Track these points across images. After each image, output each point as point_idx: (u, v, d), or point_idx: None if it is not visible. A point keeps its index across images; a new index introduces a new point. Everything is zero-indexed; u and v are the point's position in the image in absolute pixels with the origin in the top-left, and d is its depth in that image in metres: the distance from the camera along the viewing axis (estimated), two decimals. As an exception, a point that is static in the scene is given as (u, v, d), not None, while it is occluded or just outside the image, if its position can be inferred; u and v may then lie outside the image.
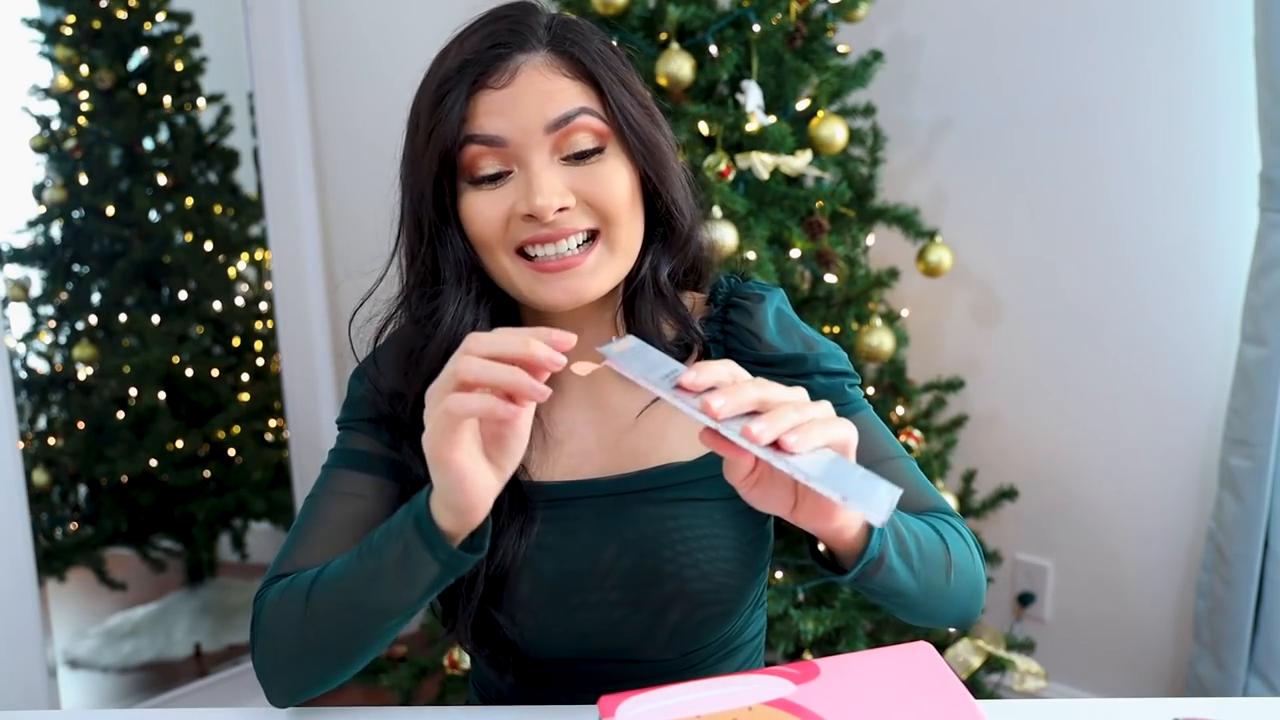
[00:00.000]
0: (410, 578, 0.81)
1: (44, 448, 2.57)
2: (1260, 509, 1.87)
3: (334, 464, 0.98)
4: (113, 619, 2.68)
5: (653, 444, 0.95)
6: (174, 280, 2.68)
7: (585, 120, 0.87)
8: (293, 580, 0.89)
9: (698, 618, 0.94)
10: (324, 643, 0.86)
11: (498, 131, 0.86)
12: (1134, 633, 2.19)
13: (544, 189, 0.85)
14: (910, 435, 1.95)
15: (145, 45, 2.62)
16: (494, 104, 0.87)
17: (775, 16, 1.82)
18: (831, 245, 1.84)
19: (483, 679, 1.05)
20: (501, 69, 0.87)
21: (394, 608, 0.83)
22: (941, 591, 0.88)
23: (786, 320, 0.98)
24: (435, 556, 0.79)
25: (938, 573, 0.87)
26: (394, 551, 0.81)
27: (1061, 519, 2.25)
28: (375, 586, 0.82)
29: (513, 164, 0.87)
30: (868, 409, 0.97)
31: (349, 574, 0.84)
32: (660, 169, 0.91)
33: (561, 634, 0.95)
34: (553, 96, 0.87)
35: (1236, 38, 1.88)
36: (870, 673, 0.70)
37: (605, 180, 0.88)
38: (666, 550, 0.92)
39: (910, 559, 0.84)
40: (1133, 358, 2.11)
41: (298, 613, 0.87)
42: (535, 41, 0.89)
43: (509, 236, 0.88)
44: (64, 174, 2.58)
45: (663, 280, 0.94)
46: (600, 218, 0.88)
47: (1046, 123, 2.15)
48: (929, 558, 0.86)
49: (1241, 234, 1.92)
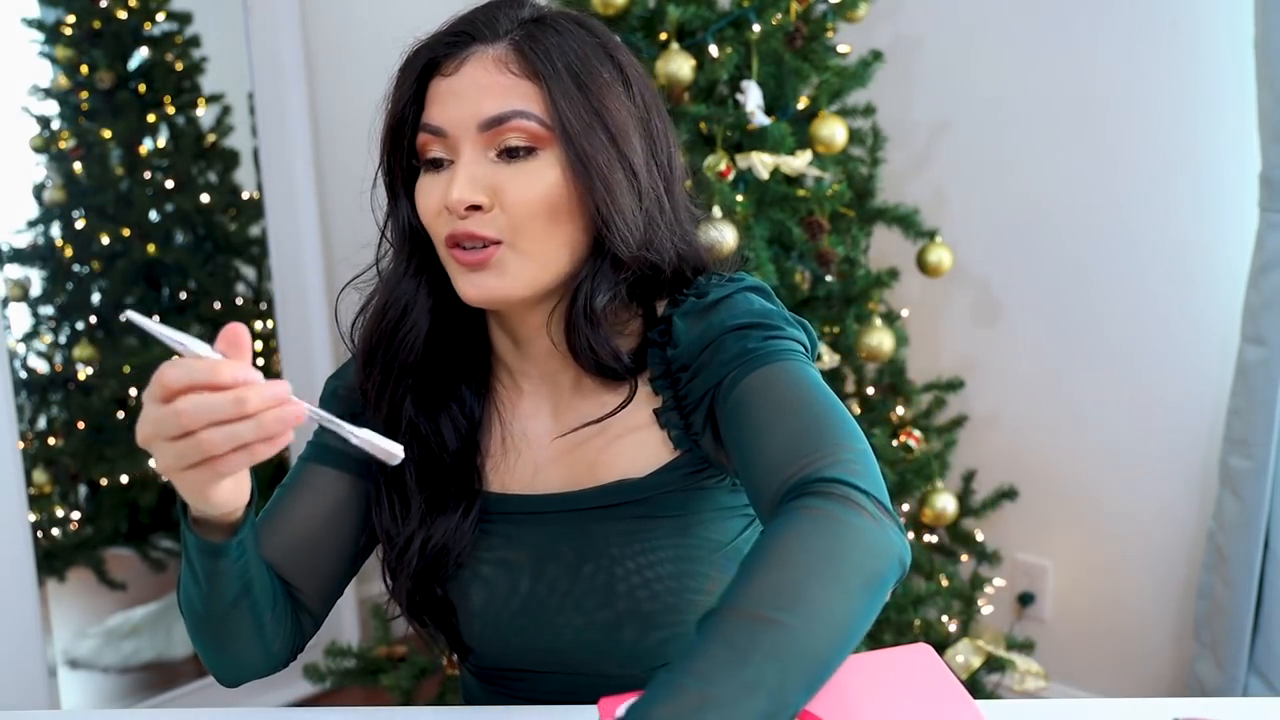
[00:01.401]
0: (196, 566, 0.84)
1: (44, 448, 2.57)
2: (1260, 509, 1.87)
3: (307, 456, 0.99)
4: (113, 619, 2.68)
5: (608, 459, 0.93)
6: (174, 280, 2.67)
7: (519, 123, 0.85)
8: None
9: (653, 638, 0.91)
10: (198, 634, 0.90)
11: (439, 121, 0.87)
12: (1134, 633, 2.19)
13: (459, 184, 0.85)
14: (910, 435, 1.95)
15: (145, 45, 2.61)
16: (440, 92, 0.88)
17: (775, 16, 1.82)
18: (831, 245, 1.83)
19: (464, 680, 1.06)
20: (453, 57, 0.88)
21: (207, 597, 0.86)
22: (854, 631, 0.67)
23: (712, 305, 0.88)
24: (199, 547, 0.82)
25: (837, 641, 0.66)
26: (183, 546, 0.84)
27: (1061, 519, 2.24)
28: (187, 580, 0.86)
29: (451, 154, 0.87)
30: (783, 359, 0.83)
31: (182, 573, 0.88)
32: (598, 180, 0.85)
33: (518, 646, 0.95)
34: (492, 93, 0.85)
35: (1236, 38, 1.88)
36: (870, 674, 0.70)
37: (525, 182, 0.85)
38: (619, 568, 0.91)
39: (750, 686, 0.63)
40: (1133, 358, 2.11)
41: (179, 592, 0.90)
42: (500, 33, 0.87)
43: (441, 228, 0.88)
44: (64, 174, 2.58)
45: (596, 306, 0.88)
46: (510, 223, 0.85)
47: (1047, 123, 2.15)
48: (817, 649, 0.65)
49: (1241, 234, 1.92)
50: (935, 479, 1.96)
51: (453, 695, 1.90)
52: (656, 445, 0.92)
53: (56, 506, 2.55)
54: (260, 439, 0.67)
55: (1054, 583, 2.28)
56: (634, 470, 0.92)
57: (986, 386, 2.26)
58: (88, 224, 2.56)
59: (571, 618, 0.93)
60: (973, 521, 2.11)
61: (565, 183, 0.86)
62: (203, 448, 0.66)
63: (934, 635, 1.89)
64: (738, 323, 0.86)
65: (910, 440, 1.94)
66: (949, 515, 1.97)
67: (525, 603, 0.93)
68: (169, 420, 0.66)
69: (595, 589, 0.92)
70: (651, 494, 0.91)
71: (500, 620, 0.94)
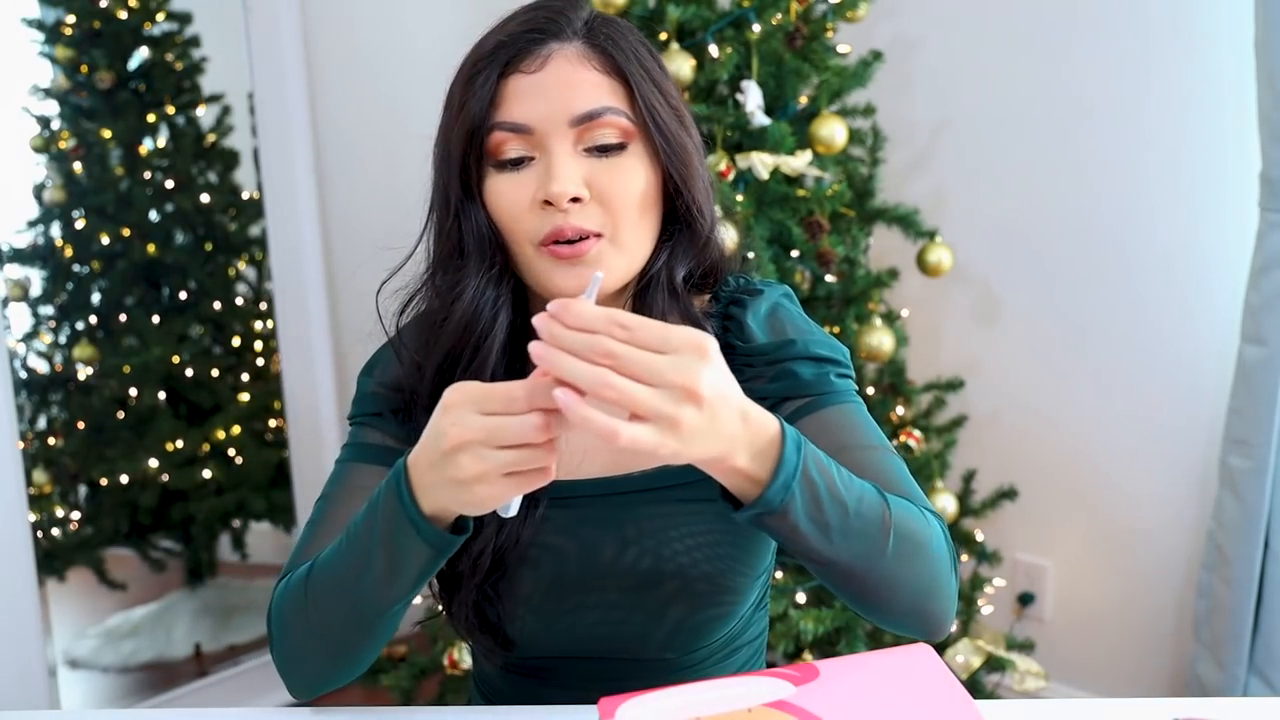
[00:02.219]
0: (399, 563, 0.80)
1: (44, 448, 2.57)
2: (1260, 509, 1.87)
3: (347, 458, 0.98)
4: (113, 619, 2.68)
5: None
6: (174, 280, 2.67)
7: (611, 118, 0.88)
8: (296, 573, 0.90)
9: (698, 619, 0.94)
10: (327, 633, 0.86)
11: (524, 118, 0.87)
12: (1134, 633, 2.19)
13: (560, 176, 0.86)
14: (910, 435, 1.95)
15: (145, 45, 2.61)
16: (523, 89, 0.88)
17: (775, 16, 1.82)
18: (831, 245, 1.84)
19: (484, 676, 1.05)
20: (534, 54, 0.88)
21: (386, 595, 0.82)
22: (876, 566, 0.80)
23: (780, 312, 0.97)
24: (427, 541, 0.79)
25: (869, 543, 0.80)
26: (381, 539, 0.80)
27: (1061, 519, 2.25)
28: (365, 576, 0.82)
29: (535, 150, 0.88)
30: (853, 400, 0.94)
31: (340, 563, 0.84)
32: (684, 170, 0.92)
33: (559, 632, 0.95)
34: (582, 89, 0.88)
35: (1236, 38, 1.88)
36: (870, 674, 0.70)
37: (622, 176, 0.88)
38: (666, 550, 0.92)
39: (828, 526, 0.78)
40: (1133, 358, 2.11)
41: (300, 605, 0.87)
42: (571, 32, 0.90)
43: (531, 226, 0.88)
44: (64, 174, 2.58)
45: (677, 280, 0.94)
46: (608, 215, 0.88)
47: (1046, 123, 2.15)
48: (857, 527, 0.79)
49: (1241, 234, 1.92)
50: (935, 479, 1.96)
51: (453, 695, 1.90)
52: None
53: (56, 506, 2.55)
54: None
55: (1054, 583, 2.28)
56: None
57: (986, 386, 2.26)
58: (88, 224, 2.56)
59: (618, 599, 0.93)
60: (973, 521, 2.12)
61: (653, 175, 0.90)
62: (542, 460, 0.71)
63: (934, 635, 1.89)
64: (819, 353, 0.93)
65: (910, 440, 1.94)
66: (949, 515, 1.97)
67: (573, 587, 0.94)
68: (511, 429, 0.70)
69: (642, 570, 0.92)
70: (696, 478, 0.90)
71: (546, 605, 0.94)
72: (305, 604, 0.86)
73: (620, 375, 0.68)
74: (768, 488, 0.76)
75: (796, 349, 0.94)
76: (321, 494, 0.97)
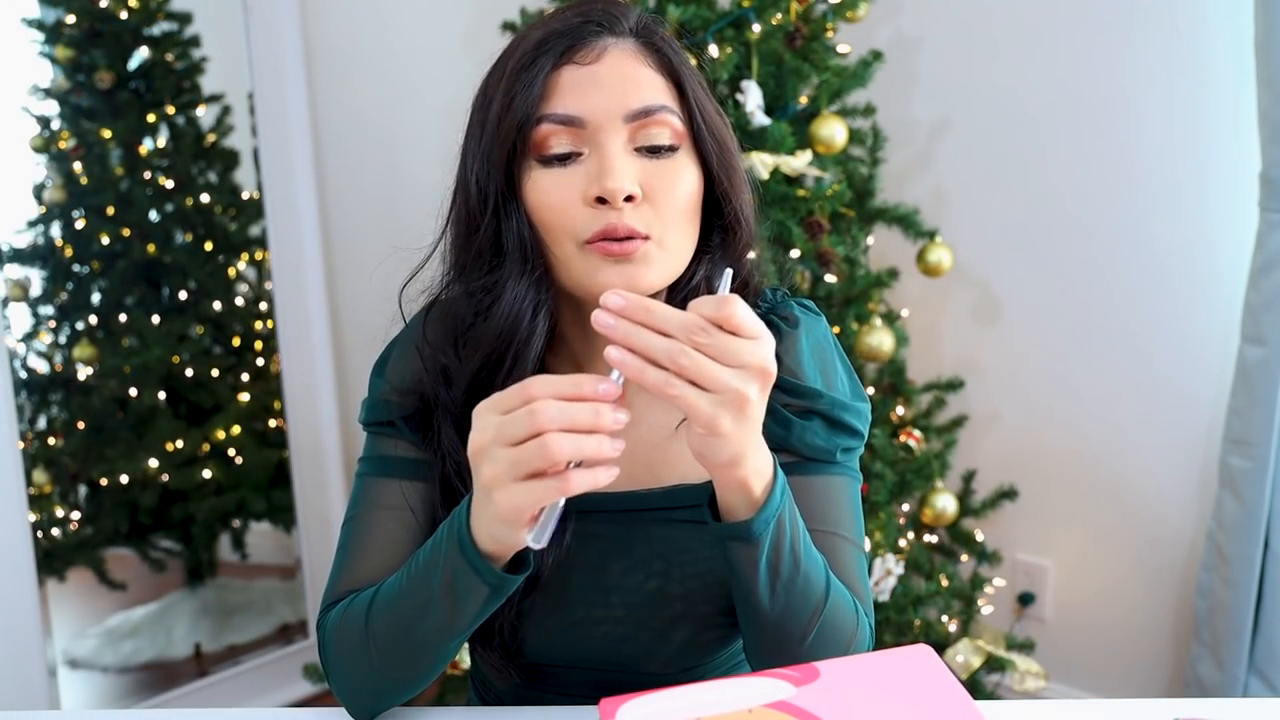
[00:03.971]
0: (460, 602, 0.80)
1: (44, 448, 2.57)
2: (1260, 509, 1.87)
3: (368, 472, 0.96)
4: (113, 619, 2.68)
5: (668, 460, 0.93)
6: (174, 280, 2.67)
7: (665, 117, 0.86)
8: (351, 602, 0.89)
9: (704, 638, 0.93)
10: (389, 663, 0.86)
11: (578, 111, 0.84)
12: (1134, 633, 2.19)
13: (617, 172, 0.83)
14: (910, 435, 1.95)
15: (145, 45, 2.61)
16: (577, 80, 0.85)
17: (775, 16, 1.82)
18: (831, 245, 1.83)
19: (482, 678, 1.05)
20: (591, 45, 0.86)
21: (448, 631, 0.83)
22: (793, 637, 0.83)
23: (825, 350, 0.95)
24: (484, 581, 0.79)
25: (800, 612, 0.82)
26: (442, 577, 0.80)
27: (1061, 519, 2.25)
28: (428, 613, 0.82)
29: (585, 146, 0.85)
30: (847, 476, 0.93)
31: (401, 600, 0.84)
32: (732, 174, 0.90)
33: (564, 644, 0.94)
34: (639, 85, 0.86)
35: (1236, 38, 1.88)
36: (870, 675, 0.70)
37: (673, 178, 0.86)
38: (676, 572, 0.91)
39: (777, 577, 0.80)
40: (1133, 358, 2.11)
41: (359, 637, 0.86)
42: (626, 29, 0.88)
43: (579, 223, 0.84)
44: (64, 174, 2.57)
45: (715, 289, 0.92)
46: (658, 218, 0.85)
47: (1046, 123, 2.15)
48: (799, 589, 0.81)
49: (1241, 234, 1.92)
50: (935, 479, 1.96)
51: (453, 695, 1.90)
52: None
53: (56, 506, 2.55)
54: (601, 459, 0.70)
55: (1054, 583, 2.28)
56: (694, 474, 0.92)
57: (986, 386, 2.26)
58: (88, 224, 2.56)
59: (624, 616, 0.93)
60: (973, 521, 2.11)
61: (698, 181, 0.88)
62: (546, 451, 0.69)
63: (934, 635, 1.89)
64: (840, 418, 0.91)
65: (910, 440, 1.94)
66: (949, 515, 1.97)
67: (578, 602, 0.93)
68: (518, 422, 0.69)
69: (650, 590, 0.92)
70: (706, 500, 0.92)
71: (549, 618, 0.93)
72: (365, 639, 0.86)
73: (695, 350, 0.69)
74: (756, 514, 0.77)
75: (821, 404, 0.91)
76: (347, 515, 0.96)
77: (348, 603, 0.89)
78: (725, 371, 0.70)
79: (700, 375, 0.69)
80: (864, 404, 0.94)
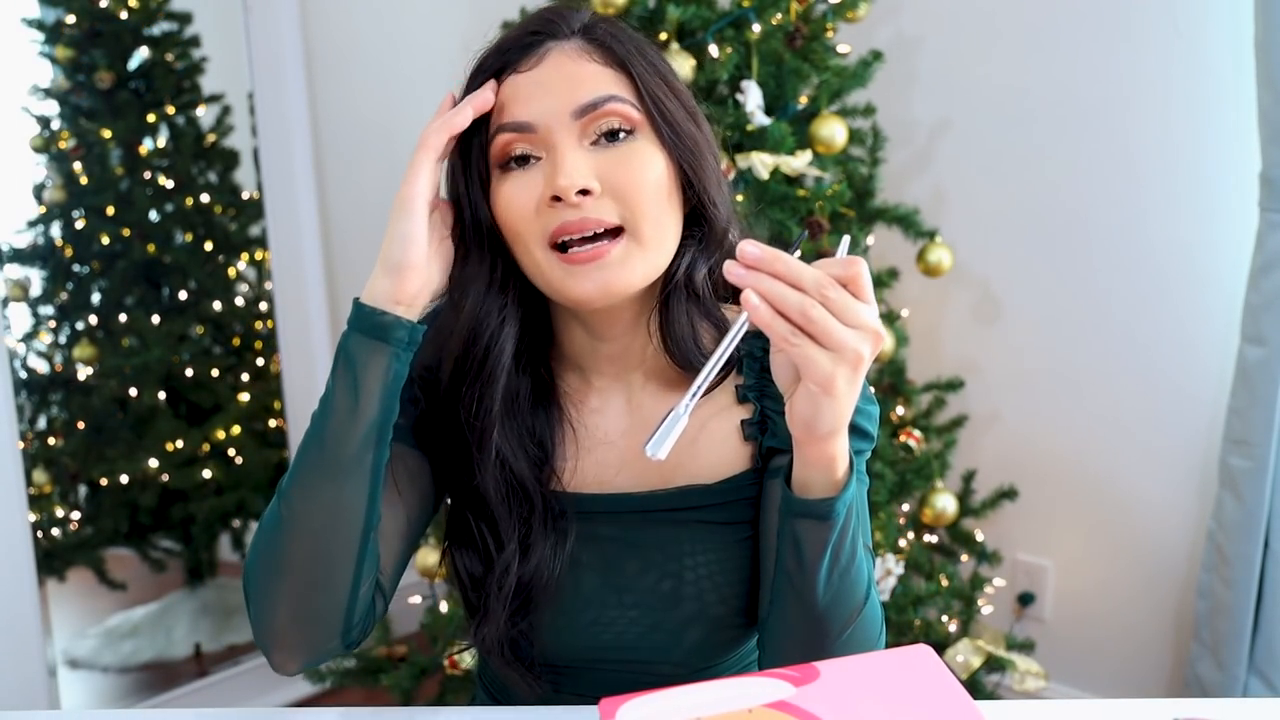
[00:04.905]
0: (356, 374, 0.83)
1: (44, 448, 2.57)
2: (1260, 509, 1.87)
3: None
4: (113, 619, 2.68)
5: (679, 462, 0.93)
6: (174, 280, 2.67)
7: (615, 106, 0.85)
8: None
9: (716, 639, 0.94)
10: (303, 528, 0.83)
11: (526, 117, 0.85)
12: (1134, 633, 2.19)
13: (567, 169, 0.83)
14: (910, 435, 1.95)
15: (145, 45, 2.61)
16: (522, 88, 0.86)
17: (775, 16, 1.82)
18: (831, 245, 1.84)
19: (492, 676, 1.05)
20: (532, 52, 0.87)
21: (351, 423, 0.83)
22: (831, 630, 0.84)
23: None
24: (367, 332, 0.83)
25: (841, 611, 0.84)
26: (338, 364, 0.84)
27: (1061, 519, 2.25)
28: (328, 410, 0.84)
29: (540, 149, 0.86)
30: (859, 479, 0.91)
31: (308, 432, 0.86)
32: (695, 161, 0.89)
33: (576, 645, 0.94)
34: (582, 81, 0.86)
35: (1236, 38, 1.88)
36: (870, 675, 0.70)
37: (633, 164, 0.85)
38: (689, 573, 0.92)
39: (835, 565, 0.82)
40: (1133, 358, 2.11)
41: (271, 523, 0.85)
42: (568, 31, 0.89)
43: (539, 226, 0.85)
44: (64, 174, 2.58)
45: (698, 280, 0.90)
46: (625, 207, 0.84)
47: (1046, 123, 2.15)
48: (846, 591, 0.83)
49: (1241, 234, 1.92)
50: (935, 479, 1.96)
51: (453, 695, 1.90)
52: (731, 453, 0.93)
53: (56, 506, 2.55)
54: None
55: (1054, 583, 2.28)
56: (705, 476, 0.93)
57: (986, 386, 2.26)
58: (88, 224, 2.56)
59: (637, 617, 0.93)
60: (973, 521, 2.11)
61: (668, 166, 0.87)
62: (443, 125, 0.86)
63: (934, 635, 1.89)
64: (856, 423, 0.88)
65: (910, 440, 1.94)
66: (949, 515, 1.97)
67: (590, 601, 0.93)
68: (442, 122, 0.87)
69: (663, 591, 0.92)
70: (722, 500, 0.92)
71: (561, 617, 0.93)
72: (279, 514, 0.84)
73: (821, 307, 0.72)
74: (839, 493, 0.80)
75: None
76: None
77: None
78: (847, 331, 0.72)
79: (825, 331, 0.72)
80: (873, 407, 0.94)
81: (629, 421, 0.95)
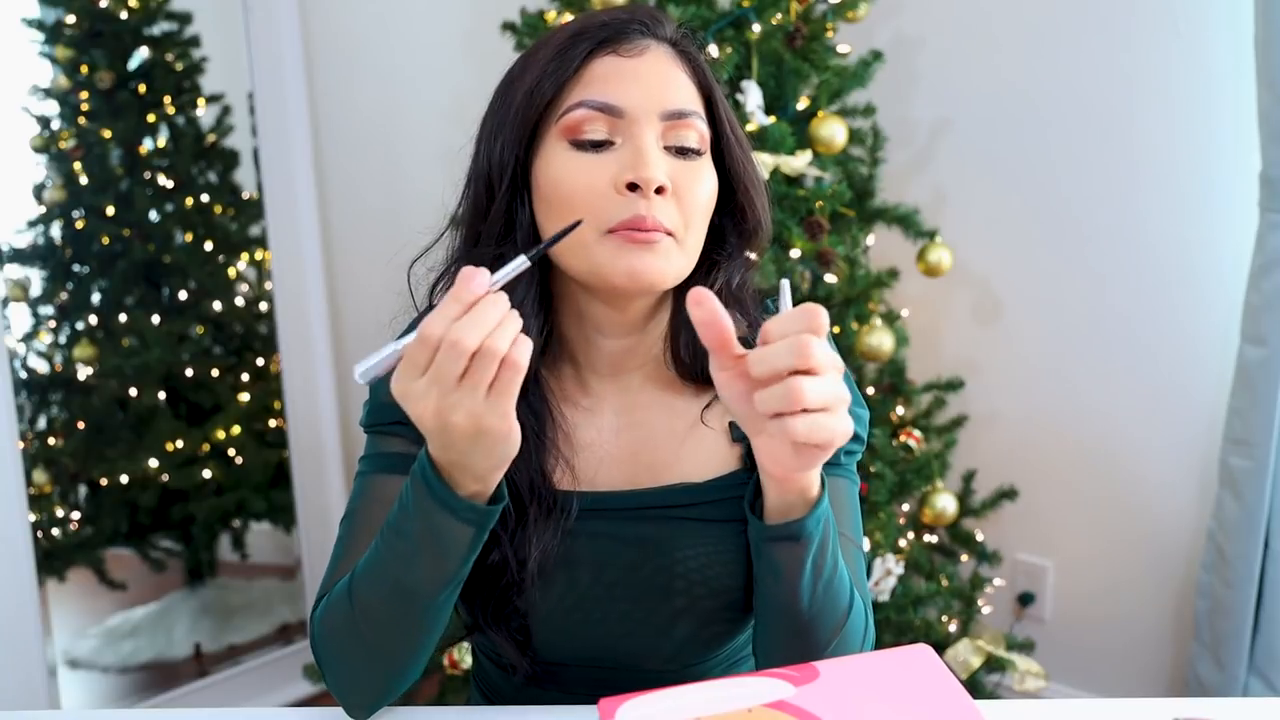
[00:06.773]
0: (445, 549, 0.81)
1: (44, 448, 2.57)
2: (1260, 509, 1.87)
3: (370, 470, 0.95)
4: (113, 619, 2.68)
5: (668, 461, 0.94)
6: (174, 280, 2.67)
7: (695, 122, 0.89)
8: (335, 587, 0.89)
9: (706, 634, 0.94)
10: (379, 638, 0.85)
11: (617, 100, 0.86)
12: (1134, 633, 2.19)
13: (653, 162, 0.85)
14: (910, 435, 1.95)
15: (145, 45, 2.61)
16: (620, 71, 0.87)
17: (775, 16, 1.82)
18: (831, 245, 1.84)
19: (486, 677, 1.05)
20: (635, 42, 0.89)
21: (437, 581, 0.82)
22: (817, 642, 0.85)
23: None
24: (464, 520, 0.79)
25: (828, 619, 0.85)
26: (418, 528, 0.80)
27: (1061, 519, 2.25)
28: (413, 565, 0.82)
29: (620, 135, 0.86)
30: (848, 477, 0.96)
31: (383, 561, 0.83)
32: (753, 184, 0.94)
33: (567, 640, 0.95)
34: (678, 87, 0.89)
35: (1236, 38, 1.88)
36: (870, 675, 0.70)
37: (698, 180, 0.88)
38: (679, 567, 0.92)
39: (818, 578, 0.83)
40: (1133, 357, 2.11)
41: (345, 615, 0.86)
42: (665, 35, 0.91)
43: (606, 209, 0.85)
44: (64, 174, 2.57)
45: (734, 286, 0.95)
46: (683, 216, 0.87)
47: (1046, 123, 2.15)
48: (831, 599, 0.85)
49: (1241, 234, 1.92)
50: (935, 479, 1.96)
51: (453, 695, 1.90)
52: (721, 453, 0.95)
53: (56, 506, 2.55)
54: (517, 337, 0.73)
55: (1054, 583, 2.28)
56: (695, 474, 0.94)
57: (986, 386, 2.26)
58: (88, 224, 2.56)
59: (628, 613, 0.93)
60: (973, 521, 2.12)
61: (715, 189, 0.91)
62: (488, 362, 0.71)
63: (934, 635, 1.89)
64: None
65: (910, 440, 1.94)
66: (949, 515, 1.97)
67: (582, 597, 0.93)
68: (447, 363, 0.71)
69: (654, 588, 0.93)
70: (711, 499, 0.93)
71: (556, 615, 0.94)
72: (352, 611, 0.85)
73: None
74: (809, 512, 0.80)
75: None
76: (346, 511, 0.95)
77: (333, 590, 0.89)
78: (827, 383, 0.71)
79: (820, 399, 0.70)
80: (864, 410, 0.96)
81: (622, 421, 0.96)
